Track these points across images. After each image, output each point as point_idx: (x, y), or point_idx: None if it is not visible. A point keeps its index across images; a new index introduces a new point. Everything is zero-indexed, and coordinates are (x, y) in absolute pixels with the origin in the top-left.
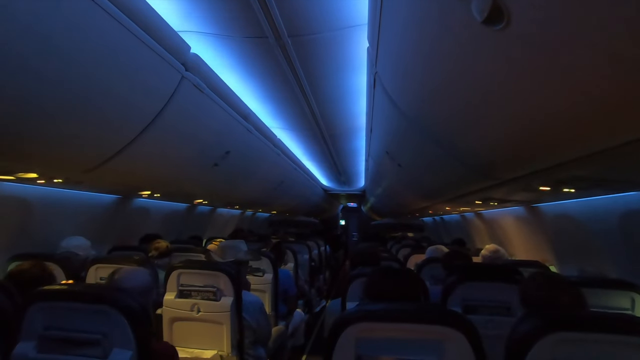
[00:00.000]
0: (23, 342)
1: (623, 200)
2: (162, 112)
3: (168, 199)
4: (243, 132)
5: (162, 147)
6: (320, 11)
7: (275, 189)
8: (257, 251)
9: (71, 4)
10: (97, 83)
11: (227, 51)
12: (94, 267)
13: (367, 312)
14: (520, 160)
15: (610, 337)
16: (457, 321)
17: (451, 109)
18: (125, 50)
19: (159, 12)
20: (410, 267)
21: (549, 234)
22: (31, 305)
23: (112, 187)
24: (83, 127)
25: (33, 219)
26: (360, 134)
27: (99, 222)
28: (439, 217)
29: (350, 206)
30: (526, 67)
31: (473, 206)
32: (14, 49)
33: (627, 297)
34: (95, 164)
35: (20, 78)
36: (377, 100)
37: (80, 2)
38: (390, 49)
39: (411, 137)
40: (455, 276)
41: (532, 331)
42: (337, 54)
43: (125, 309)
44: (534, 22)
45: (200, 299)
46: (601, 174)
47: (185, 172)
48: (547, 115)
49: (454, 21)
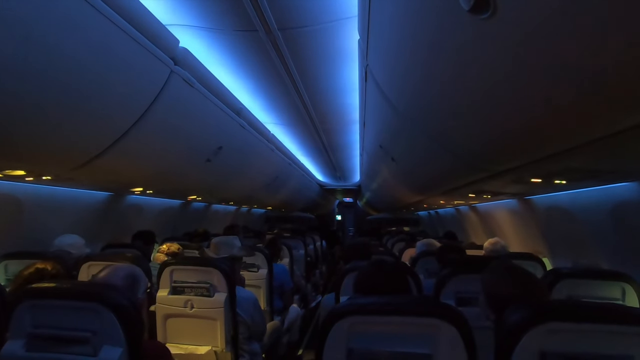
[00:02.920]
0: (11, 341)
1: (614, 192)
2: (151, 107)
3: (161, 195)
4: (235, 127)
5: (152, 142)
6: (310, 3)
7: (270, 184)
8: (251, 247)
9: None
10: (83, 78)
11: (217, 45)
12: (86, 265)
13: (357, 305)
14: (511, 152)
15: (601, 327)
16: (447, 313)
17: (442, 101)
18: (112, 45)
19: (146, 6)
20: (405, 260)
21: (541, 226)
22: (20, 303)
23: (103, 184)
24: (70, 123)
25: (25, 217)
26: (354, 127)
27: (91, 220)
28: (434, 211)
29: (346, 201)
30: (514, 56)
31: (467, 199)
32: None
33: (618, 287)
34: (84, 160)
35: (5, 74)
36: (369, 94)
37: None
38: (380, 41)
39: (403, 130)
40: (448, 269)
41: (522, 321)
42: (329, 47)
43: (114, 306)
44: (520, 10)
45: (194, 295)
46: (592, 164)
47: (177, 168)
48: (537, 105)
49: (441, 10)
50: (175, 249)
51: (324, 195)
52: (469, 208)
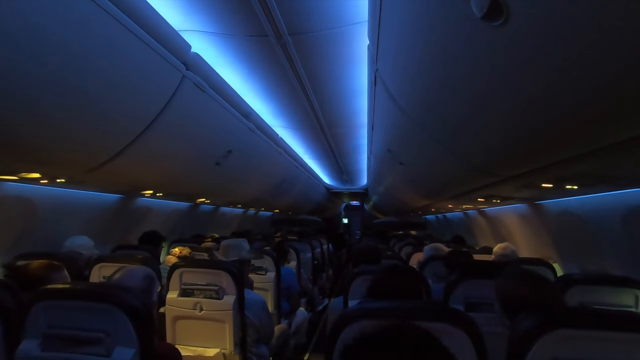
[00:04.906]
0: (27, 340)
1: (627, 197)
2: (163, 111)
3: (170, 198)
4: (245, 130)
5: (163, 146)
6: (320, 9)
7: (278, 187)
8: (259, 249)
9: (72, 5)
10: (98, 83)
11: (228, 50)
12: (97, 266)
13: (367, 310)
14: (522, 157)
15: (614, 334)
16: (457, 318)
17: (452, 106)
18: (126, 50)
19: (159, 12)
20: (412, 265)
21: (551, 231)
22: (36, 303)
23: (114, 186)
24: (84, 128)
25: (37, 218)
26: (362, 131)
27: (102, 222)
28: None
29: (353, 204)
30: (527, 63)
31: (475, 204)
32: (14, 49)
33: (631, 295)
34: (98, 163)
35: (23, 79)
36: (378, 98)
37: (81, 3)
38: (390, 46)
39: (412, 135)
40: (457, 274)
41: (535, 328)
42: (338, 52)
43: (127, 308)
44: (534, 18)
45: (203, 297)
46: (604, 170)
47: (186, 171)
48: (548, 111)
49: (453, 17)
50: (186, 252)
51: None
52: (478, 212)
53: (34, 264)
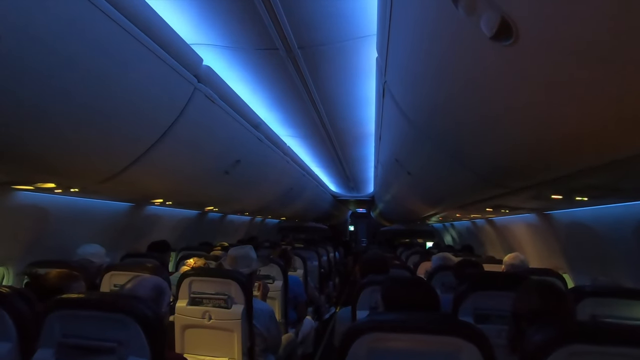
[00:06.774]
0: (42, 349)
1: (638, 209)
2: (175, 122)
3: (180, 206)
4: (253, 140)
5: (175, 156)
6: (329, 22)
7: (285, 195)
8: (266, 257)
9: (86, 19)
10: (112, 96)
11: (239, 63)
12: (108, 275)
13: (378, 322)
14: (532, 170)
15: (628, 350)
16: (468, 332)
17: (460, 120)
18: (140, 64)
19: (172, 26)
20: (420, 274)
21: (561, 241)
22: (50, 313)
23: (126, 195)
24: (99, 139)
25: (50, 226)
26: (369, 140)
27: (112, 229)
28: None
29: (359, 212)
30: (536, 80)
31: (484, 213)
32: (30, 62)
33: None
34: (111, 174)
35: (38, 92)
36: (387, 110)
37: (95, 17)
38: (399, 59)
39: (420, 146)
40: (466, 285)
41: (547, 342)
42: (347, 64)
43: (140, 317)
44: (543, 37)
45: (212, 306)
46: (615, 183)
47: (196, 181)
48: (558, 126)
49: (462, 35)
50: (201, 263)
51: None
52: (486, 221)
53: (53, 273)
